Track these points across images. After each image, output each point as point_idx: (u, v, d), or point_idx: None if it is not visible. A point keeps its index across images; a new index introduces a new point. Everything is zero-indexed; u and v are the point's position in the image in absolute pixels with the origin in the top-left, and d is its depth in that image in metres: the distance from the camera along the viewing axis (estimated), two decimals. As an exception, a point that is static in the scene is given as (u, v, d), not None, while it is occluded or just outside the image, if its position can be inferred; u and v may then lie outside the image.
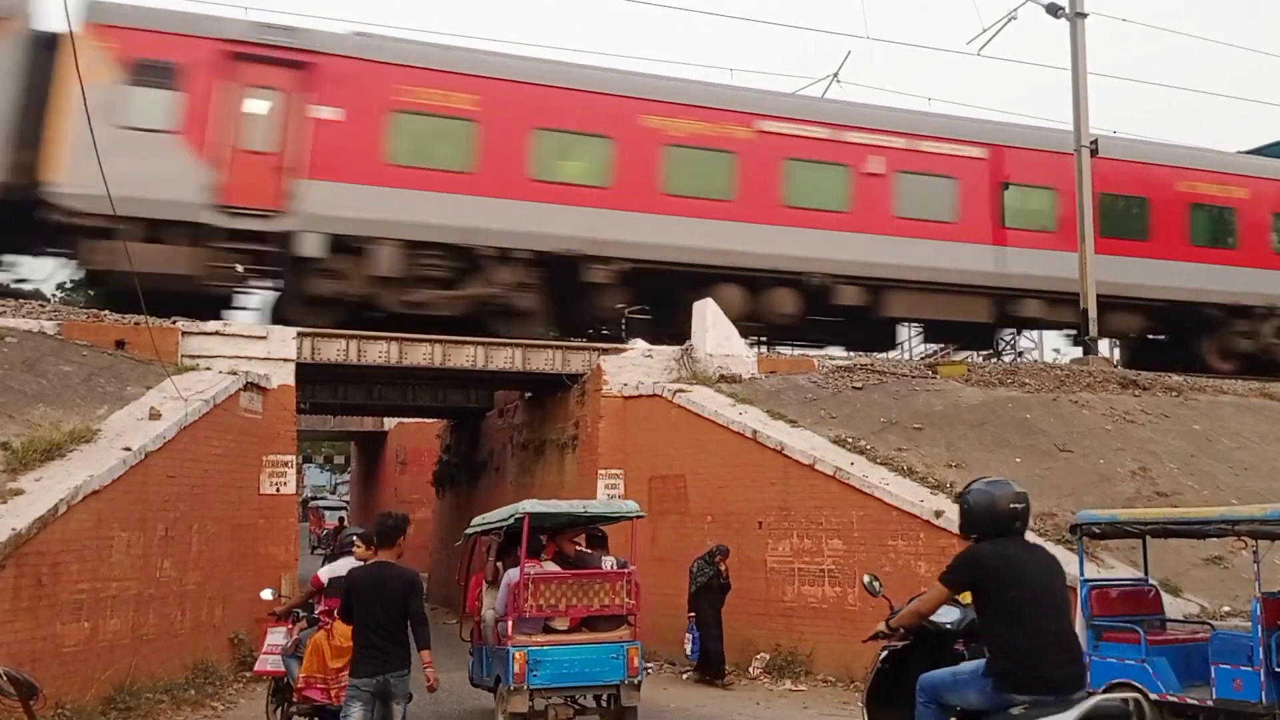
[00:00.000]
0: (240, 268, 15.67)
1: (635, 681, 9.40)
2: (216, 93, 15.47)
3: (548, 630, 9.54)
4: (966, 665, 5.06)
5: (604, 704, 9.56)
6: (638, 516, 10.39)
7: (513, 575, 9.49)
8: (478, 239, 16.61)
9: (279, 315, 16.16)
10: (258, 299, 17.47)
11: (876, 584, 6.35)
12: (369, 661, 6.71)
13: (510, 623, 9.25)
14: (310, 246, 15.60)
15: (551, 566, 10.10)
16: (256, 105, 15.67)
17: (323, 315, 15.87)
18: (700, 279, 17.77)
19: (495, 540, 10.79)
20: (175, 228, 15.08)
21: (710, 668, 12.83)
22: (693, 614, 12.94)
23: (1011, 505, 4.90)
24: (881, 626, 5.56)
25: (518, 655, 8.97)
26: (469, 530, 11.58)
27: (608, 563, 10.41)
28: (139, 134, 14.85)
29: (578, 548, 10.68)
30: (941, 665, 5.25)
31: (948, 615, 5.54)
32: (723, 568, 13.04)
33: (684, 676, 13.36)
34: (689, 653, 12.97)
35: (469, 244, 16.54)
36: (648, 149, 17.88)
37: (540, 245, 16.98)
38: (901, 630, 5.48)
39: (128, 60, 15.07)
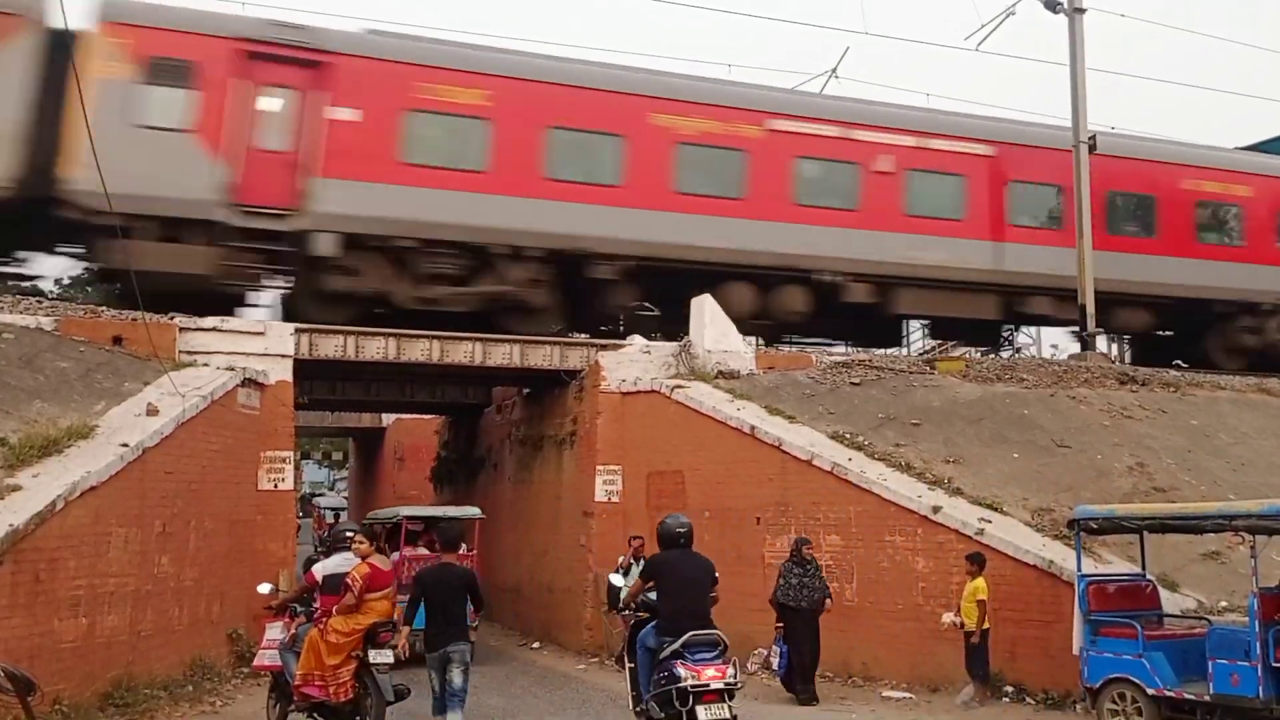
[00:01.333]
0: None
1: (474, 624, 12.98)
2: None
3: None
4: (654, 623, 8.17)
5: None
6: (480, 519, 15.73)
7: (395, 555, 13.71)
8: None
9: None
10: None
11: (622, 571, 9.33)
12: (436, 639, 8.86)
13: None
14: None
15: (422, 550, 14.96)
16: None
17: None
18: None
19: (384, 529, 15.55)
20: None
21: (799, 681, 11.61)
22: (781, 624, 11.81)
23: (677, 530, 8.28)
24: (619, 603, 9.16)
25: (397, 609, 10.79)
26: (366, 520, 16.18)
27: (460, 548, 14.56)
28: None
29: None
30: None
31: None
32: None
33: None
34: (775, 667, 11.85)
35: None
36: None
37: None
38: (632, 605, 8.70)
39: None
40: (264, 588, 10.30)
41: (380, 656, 8.85)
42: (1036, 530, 11.82)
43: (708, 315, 16.53)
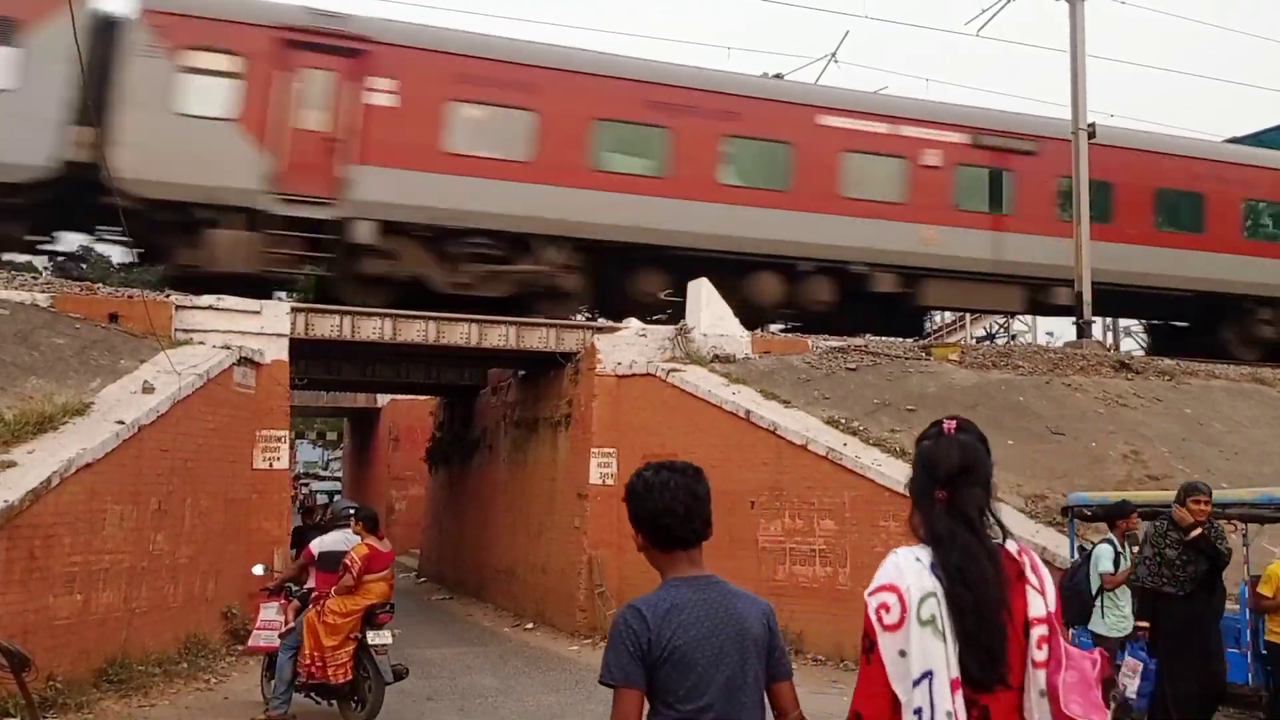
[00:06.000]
0: None
1: None
2: None
3: None
4: None
5: None
6: None
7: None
8: None
9: None
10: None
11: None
12: None
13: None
14: None
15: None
16: None
17: None
18: None
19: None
20: None
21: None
22: (1145, 625, 7.57)
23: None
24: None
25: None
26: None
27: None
28: None
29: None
30: None
31: None
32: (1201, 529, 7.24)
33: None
34: (1132, 694, 7.36)
35: None
36: None
37: None
38: None
39: None
40: (258, 569, 10.31)
41: (379, 638, 8.88)
42: (1030, 517, 11.86)
43: (704, 298, 16.51)
